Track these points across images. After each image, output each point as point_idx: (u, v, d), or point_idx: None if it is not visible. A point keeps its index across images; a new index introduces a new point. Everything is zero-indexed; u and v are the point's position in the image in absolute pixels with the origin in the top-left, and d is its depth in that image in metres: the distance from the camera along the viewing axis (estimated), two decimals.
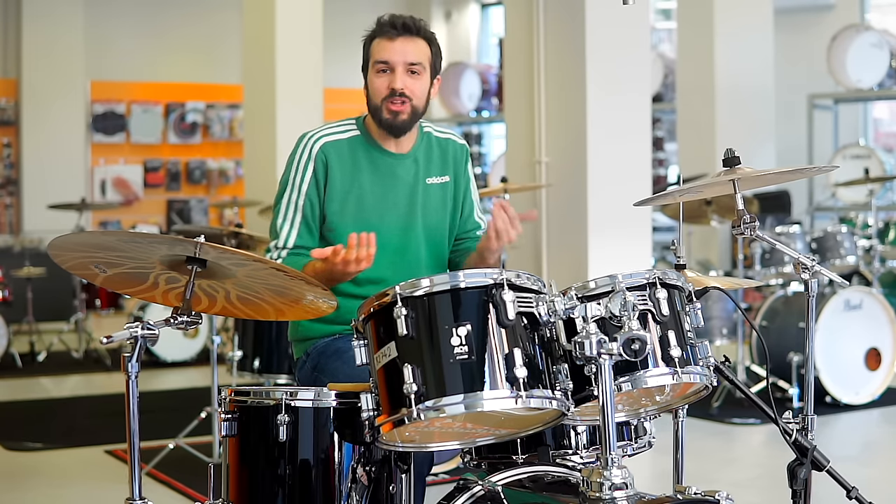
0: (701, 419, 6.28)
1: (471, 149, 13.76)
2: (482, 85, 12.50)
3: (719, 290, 2.91)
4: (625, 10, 5.70)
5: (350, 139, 3.20)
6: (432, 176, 3.25)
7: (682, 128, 10.16)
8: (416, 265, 3.18)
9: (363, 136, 3.22)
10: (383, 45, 3.14)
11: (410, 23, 3.15)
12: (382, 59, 3.14)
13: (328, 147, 3.17)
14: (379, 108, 3.15)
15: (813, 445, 2.84)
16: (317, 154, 3.16)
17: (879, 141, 11.90)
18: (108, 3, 12.71)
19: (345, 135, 3.21)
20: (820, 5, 11.49)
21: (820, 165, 3.75)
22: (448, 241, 3.30)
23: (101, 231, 2.54)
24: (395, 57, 3.13)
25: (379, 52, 3.15)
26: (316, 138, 3.18)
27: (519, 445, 2.70)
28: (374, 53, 3.16)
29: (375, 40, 3.17)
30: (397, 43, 3.13)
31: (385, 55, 3.13)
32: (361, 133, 3.22)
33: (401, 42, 3.13)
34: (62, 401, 7.65)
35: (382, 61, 3.14)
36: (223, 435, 2.64)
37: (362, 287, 3.10)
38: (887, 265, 8.48)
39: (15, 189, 12.26)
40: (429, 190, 3.23)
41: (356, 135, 3.21)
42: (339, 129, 3.23)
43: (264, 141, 8.89)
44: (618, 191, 5.94)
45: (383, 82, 3.14)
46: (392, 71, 3.13)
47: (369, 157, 3.19)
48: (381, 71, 3.15)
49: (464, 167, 3.34)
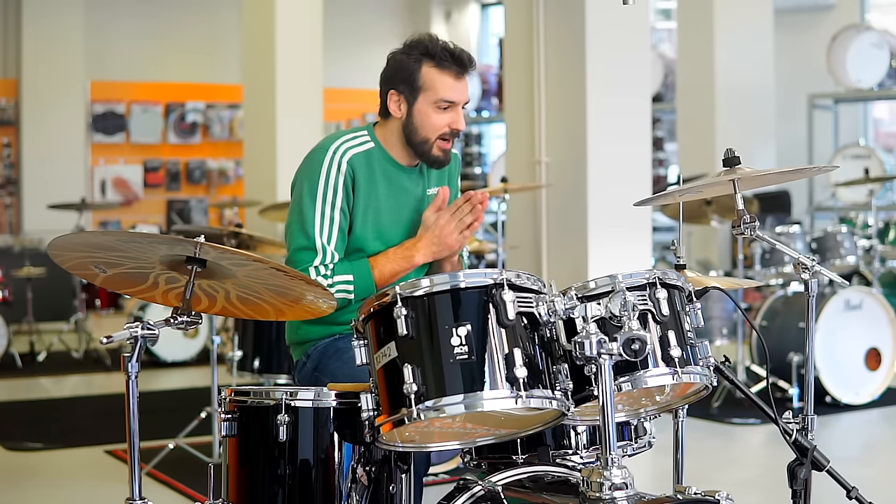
0: (701, 419, 6.28)
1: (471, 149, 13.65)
2: (482, 85, 12.50)
3: (719, 290, 2.91)
4: (625, 10, 5.70)
5: (368, 152, 3.16)
6: (431, 187, 3.26)
7: (682, 128, 10.16)
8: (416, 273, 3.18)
9: (377, 148, 3.18)
10: (449, 81, 3.08)
11: (469, 60, 3.10)
12: (449, 98, 3.08)
13: (354, 160, 3.11)
14: (429, 143, 3.12)
15: (813, 445, 2.84)
16: (346, 168, 3.09)
17: (879, 141, 11.90)
18: (109, 4, 12.71)
19: (363, 147, 3.16)
20: (820, 5, 11.49)
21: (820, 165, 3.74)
22: None
23: (101, 231, 2.54)
24: (461, 97, 3.09)
25: (444, 88, 3.08)
26: (343, 150, 3.11)
27: (519, 445, 2.69)
28: (438, 88, 3.08)
29: (436, 71, 3.08)
30: (463, 82, 3.09)
31: (453, 95, 3.08)
32: (376, 145, 3.18)
33: (465, 81, 3.10)
34: (62, 401, 7.65)
35: (449, 101, 3.08)
36: (223, 435, 2.64)
37: None
38: (887, 265, 8.48)
39: (15, 189, 12.26)
40: (429, 201, 3.24)
41: (372, 147, 3.17)
42: (357, 141, 3.17)
43: (264, 141, 8.90)
44: (618, 191, 5.94)
45: (444, 119, 3.09)
46: (453, 109, 3.09)
47: (384, 170, 3.17)
48: (442, 109, 3.09)
49: (455, 177, 3.36)
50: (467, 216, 3.06)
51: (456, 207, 3.07)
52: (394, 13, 13.63)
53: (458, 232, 3.06)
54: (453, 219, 3.06)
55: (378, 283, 3.06)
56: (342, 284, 3.04)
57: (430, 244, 3.09)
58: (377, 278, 3.07)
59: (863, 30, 9.98)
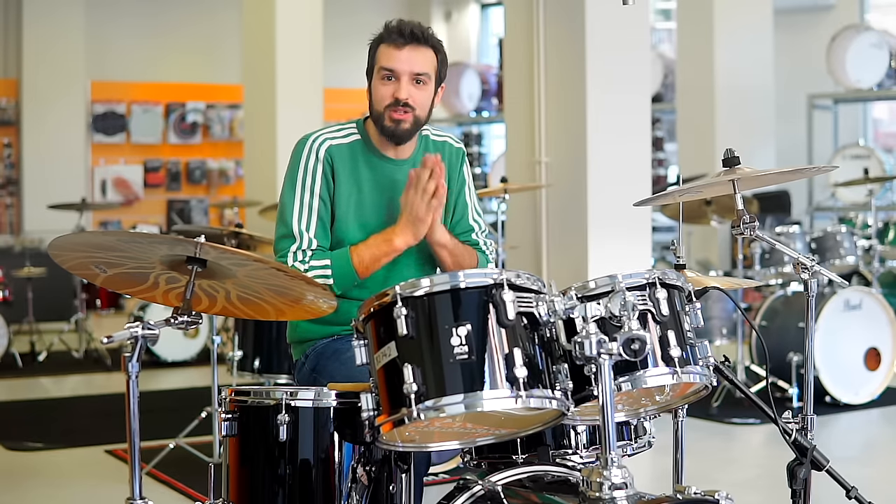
0: (701, 419, 6.28)
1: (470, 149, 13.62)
2: (482, 85, 12.50)
3: (719, 290, 2.92)
4: (625, 10, 5.70)
5: (351, 143, 3.19)
6: None
7: (682, 128, 10.17)
8: (408, 269, 3.18)
9: (364, 140, 3.21)
10: (390, 52, 3.11)
11: (419, 31, 3.12)
12: (388, 66, 3.11)
13: (333, 150, 3.15)
14: (381, 116, 3.13)
15: (812, 445, 2.84)
16: (324, 156, 3.13)
17: (879, 141, 11.90)
18: (109, 4, 12.71)
19: (346, 139, 3.19)
20: (820, 5, 11.50)
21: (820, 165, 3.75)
22: None
23: (101, 231, 2.54)
24: (401, 66, 3.10)
25: (385, 59, 3.12)
26: (321, 141, 3.16)
27: (519, 445, 2.70)
28: (380, 59, 3.13)
29: (382, 46, 3.13)
30: (404, 52, 3.10)
31: (391, 63, 3.11)
32: (362, 137, 3.21)
33: (408, 51, 3.10)
34: (62, 401, 7.65)
35: (388, 69, 3.11)
36: (223, 435, 2.64)
37: (357, 288, 3.12)
38: (887, 265, 8.48)
39: (15, 189, 12.27)
40: None
41: (357, 139, 3.20)
42: (341, 133, 3.21)
43: (264, 141, 8.91)
44: (618, 191, 5.94)
45: (388, 90, 3.12)
46: (397, 79, 3.11)
47: (370, 162, 3.19)
48: (385, 78, 3.12)
49: (458, 169, 3.33)
50: (429, 183, 3.05)
51: (416, 179, 3.06)
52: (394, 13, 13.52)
53: (425, 203, 3.05)
54: (417, 191, 3.05)
55: (357, 268, 3.06)
56: (319, 270, 3.05)
57: (406, 224, 3.08)
58: (356, 264, 3.06)
59: (862, 30, 9.99)
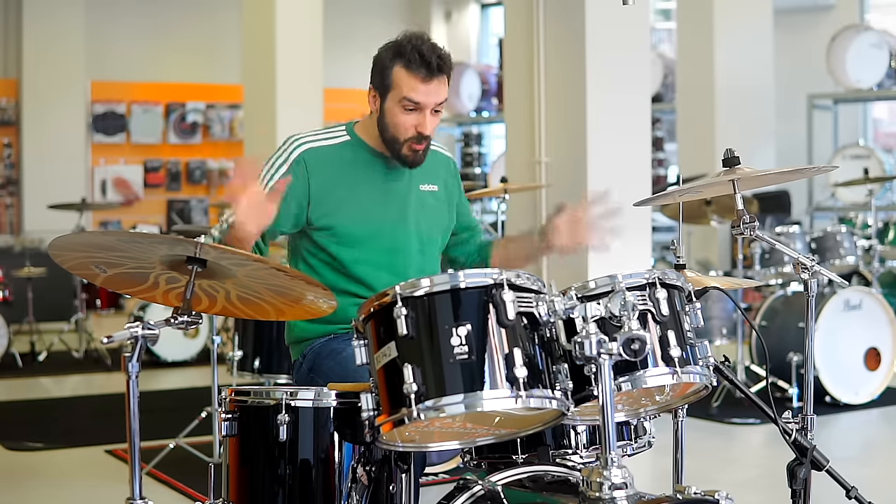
0: (701, 419, 6.28)
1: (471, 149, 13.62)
2: (482, 85, 12.50)
3: (719, 290, 2.92)
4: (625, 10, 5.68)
5: (338, 145, 3.20)
6: (424, 183, 3.27)
7: (682, 128, 10.17)
8: (407, 267, 3.19)
9: (354, 141, 3.21)
10: (414, 84, 3.05)
11: (441, 63, 3.07)
12: (414, 99, 3.06)
13: (309, 153, 3.15)
14: (400, 144, 3.12)
15: (812, 445, 2.84)
16: (295, 158, 3.14)
17: (879, 141, 11.90)
18: (109, 4, 12.71)
19: (332, 141, 3.20)
20: (820, 5, 11.50)
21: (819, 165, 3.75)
22: (439, 248, 3.33)
23: (101, 231, 2.54)
24: (428, 100, 3.06)
25: (409, 89, 3.06)
26: (298, 143, 3.17)
27: (519, 445, 2.70)
28: (403, 87, 3.07)
29: (403, 71, 3.06)
30: (432, 85, 3.06)
31: (418, 97, 3.06)
32: (352, 138, 3.22)
33: (434, 84, 3.06)
34: (62, 401, 7.65)
35: (414, 101, 3.07)
36: (223, 435, 2.64)
37: (353, 284, 3.14)
38: (887, 265, 8.48)
39: (15, 189, 12.27)
40: (422, 196, 3.25)
41: (346, 140, 3.21)
42: (327, 136, 3.22)
43: (264, 141, 8.90)
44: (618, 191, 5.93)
45: (410, 121, 3.08)
46: (420, 111, 3.08)
47: (360, 160, 3.20)
48: (407, 109, 3.08)
49: (453, 179, 3.37)
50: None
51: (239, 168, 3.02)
52: (394, 14, 13.62)
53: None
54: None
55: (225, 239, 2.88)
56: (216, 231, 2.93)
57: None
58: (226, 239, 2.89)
59: (862, 30, 9.98)
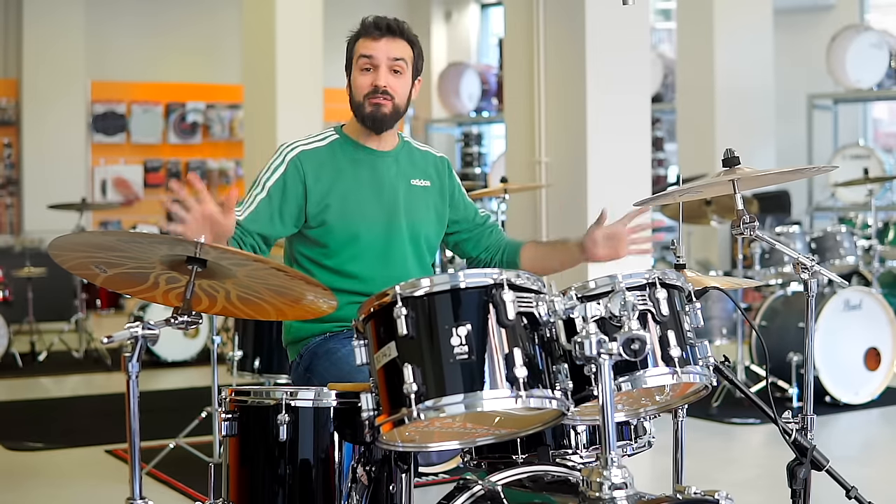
0: (701, 419, 6.28)
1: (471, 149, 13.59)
2: (482, 85, 12.51)
3: (719, 290, 2.92)
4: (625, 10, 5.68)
5: (329, 145, 3.28)
6: (415, 178, 3.32)
7: (682, 128, 10.17)
8: (400, 263, 3.23)
9: (342, 139, 3.29)
10: (367, 43, 3.23)
11: (394, 24, 3.24)
12: (366, 53, 3.21)
13: (304, 156, 3.23)
14: (361, 105, 3.23)
15: (812, 445, 2.84)
16: (291, 160, 3.22)
17: (879, 141, 11.90)
18: (109, 4, 12.71)
19: (323, 142, 3.29)
20: (820, 5, 11.50)
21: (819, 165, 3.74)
22: (433, 244, 3.36)
23: (101, 231, 2.54)
24: (378, 54, 3.21)
25: (363, 49, 3.23)
26: (292, 147, 3.25)
27: (519, 445, 2.70)
28: (358, 51, 3.24)
29: (360, 40, 3.25)
30: (381, 42, 3.21)
31: (369, 51, 3.21)
32: (340, 136, 3.30)
33: (385, 41, 3.21)
34: (62, 401, 7.65)
35: (366, 56, 3.21)
36: (223, 435, 2.64)
37: (346, 282, 3.16)
38: (887, 265, 8.48)
39: (15, 189, 12.26)
40: (413, 191, 3.30)
41: (335, 139, 3.30)
42: (317, 139, 3.30)
43: (264, 141, 8.89)
44: (618, 191, 5.93)
45: (366, 79, 3.22)
46: (375, 69, 3.21)
47: (350, 155, 3.27)
48: (364, 69, 3.22)
49: (447, 177, 3.41)
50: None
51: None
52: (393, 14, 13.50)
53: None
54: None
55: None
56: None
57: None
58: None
59: (862, 30, 9.99)
